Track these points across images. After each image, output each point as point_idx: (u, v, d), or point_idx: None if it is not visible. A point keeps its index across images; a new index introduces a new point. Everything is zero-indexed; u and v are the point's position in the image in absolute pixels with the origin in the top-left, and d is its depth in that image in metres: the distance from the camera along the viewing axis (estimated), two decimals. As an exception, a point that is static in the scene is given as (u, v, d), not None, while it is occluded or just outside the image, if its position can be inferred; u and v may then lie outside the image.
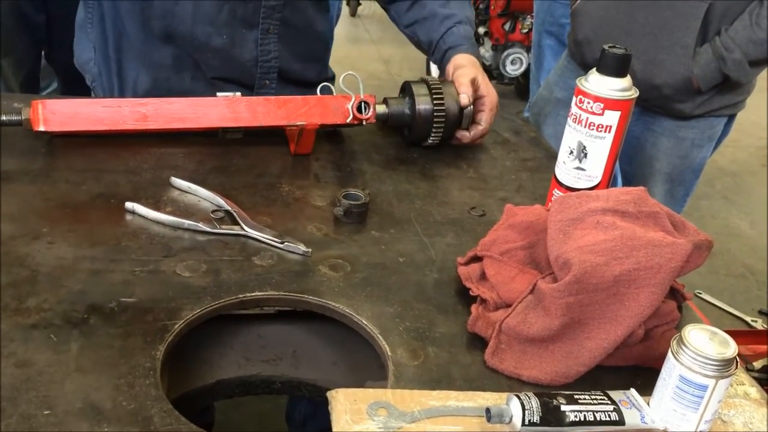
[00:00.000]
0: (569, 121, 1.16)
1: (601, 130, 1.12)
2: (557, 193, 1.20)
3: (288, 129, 1.39)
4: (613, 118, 1.11)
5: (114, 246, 1.06)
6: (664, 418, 0.81)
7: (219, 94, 1.37)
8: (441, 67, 1.58)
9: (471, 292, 1.00)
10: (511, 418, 0.78)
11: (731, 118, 2.05)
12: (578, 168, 1.16)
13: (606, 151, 1.14)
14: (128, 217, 1.13)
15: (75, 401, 0.79)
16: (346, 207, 1.17)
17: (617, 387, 0.85)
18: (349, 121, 1.41)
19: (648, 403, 0.83)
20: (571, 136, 1.16)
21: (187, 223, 1.11)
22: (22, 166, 1.23)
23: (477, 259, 1.05)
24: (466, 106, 1.44)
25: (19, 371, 0.82)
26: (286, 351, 1.11)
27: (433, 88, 1.43)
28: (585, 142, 1.14)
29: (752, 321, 2.94)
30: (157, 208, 1.14)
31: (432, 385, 0.86)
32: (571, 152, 1.16)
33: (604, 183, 1.17)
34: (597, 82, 1.11)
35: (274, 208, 1.21)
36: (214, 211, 1.15)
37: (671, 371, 0.79)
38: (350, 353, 1.09)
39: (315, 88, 1.41)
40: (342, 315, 0.99)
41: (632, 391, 0.84)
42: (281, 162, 1.37)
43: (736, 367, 0.78)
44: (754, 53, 1.81)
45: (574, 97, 1.14)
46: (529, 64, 3.83)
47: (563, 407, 0.79)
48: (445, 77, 1.53)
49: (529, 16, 4.75)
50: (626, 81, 1.11)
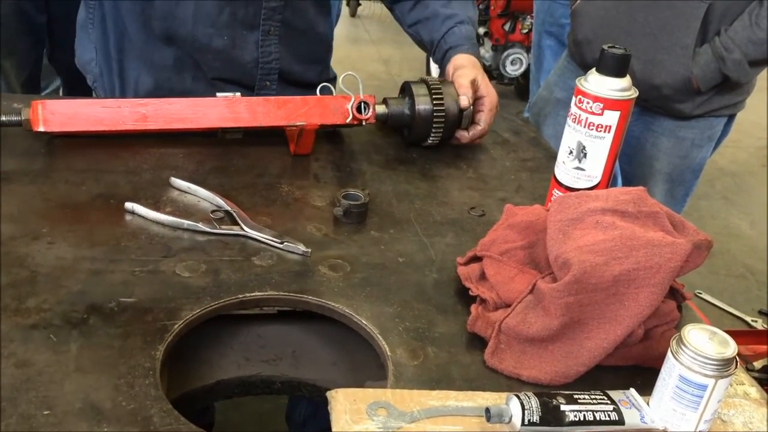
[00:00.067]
0: (569, 121, 1.16)
1: (601, 130, 1.12)
2: (557, 193, 1.20)
3: (288, 129, 1.39)
4: (612, 118, 1.11)
5: (114, 246, 1.06)
6: (663, 418, 0.81)
7: (219, 94, 1.37)
8: (442, 68, 1.58)
9: (470, 292, 1.00)
10: (511, 418, 0.78)
11: (731, 118, 2.05)
12: (578, 168, 1.16)
13: (605, 151, 1.14)
14: (128, 218, 1.13)
15: (75, 401, 0.79)
16: (345, 207, 1.17)
17: (617, 387, 0.85)
18: (348, 121, 1.41)
19: (647, 403, 0.83)
20: (571, 136, 1.16)
21: (186, 223, 1.11)
22: (21, 167, 1.23)
23: (476, 259, 1.05)
24: (466, 108, 1.44)
25: (18, 371, 0.82)
26: (286, 351, 1.11)
27: (433, 88, 1.43)
28: (584, 142, 1.14)
29: (752, 321, 2.94)
30: (157, 209, 1.14)
31: (431, 385, 0.86)
32: (571, 152, 1.16)
33: (604, 183, 1.17)
34: (596, 82, 1.11)
35: (273, 208, 1.21)
36: (213, 212, 1.15)
37: (671, 371, 0.79)
38: (350, 353, 1.09)
39: (316, 89, 1.42)
40: (341, 315, 0.99)
41: (632, 390, 0.84)
42: (281, 162, 1.37)
43: (736, 367, 0.78)
44: (754, 53, 1.81)
45: (574, 97, 1.14)
46: (529, 65, 3.83)
47: (563, 407, 0.79)
48: (445, 77, 1.53)
49: (529, 17, 4.75)
50: (626, 81, 1.11)
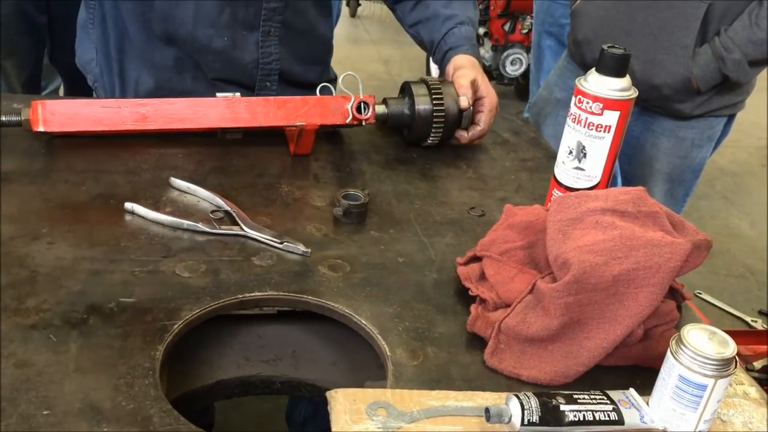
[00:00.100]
0: (568, 121, 1.16)
1: (601, 130, 1.12)
2: (556, 193, 1.20)
3: (287, 129, 1.39)
4: (612, 118, 1.11)
5: (113, 246, 1.06)
6: (663, 418, 0.81)
7: (219, 94, 1.37)
8: (442, 68, 1.58)
9: (470, 292, 1.00)
10: (511, 418, 0.78)
11: (731, 118, 2.05)
12: (577, 168, 1.16)
13: (605, 151, 1.14)
14: (128, 218, 1.13)
15: (74, 401, 0.79)
16: (345, 207, 1.17)
17: (616, 387, 0.85)
18: (348, 121, 1.41)
19: (647, 403, 0.83)
20: (571, 136, 1.16)
21: (186, 223, 1.11)
22: (21, 167, 1.23)
23: (476, 259, 1.05)
24: (466, 109, 1.44)
25: (18, 371, 0.82)
26: (286, 351, 1.11)
27: (433, 88, 1.43)
28: (584, 142, 1.14)
29: (752, 321, 2.94)
30: (157, 209, 1.14)
31: (431, 385, 0.86)
32: (571, 152, 1.16)
33: (604, 183, 1.17)
34: (596, 82, 1.11)
35: (273, 208, 1.21)
36: (213, 212, 1.15)
37: (670, 371, 0.79)
38: (350, 353, 1.09)
39: (316, 89, 1.42)
40: (341, 315, 0.99)
41: (631, 390, 0.84)
42: (281, 162, 1.37)
43: (735, 367, 0.78)
44: (754, 53, 1.81)
45: (574, 97, 1.14)
46: (529, 65, 3.83)
47: (562, 407, 0.79)
48: (444, 77, 1.53)
49: (528, 17, 4.75)
50: (625, 81, 1.11)
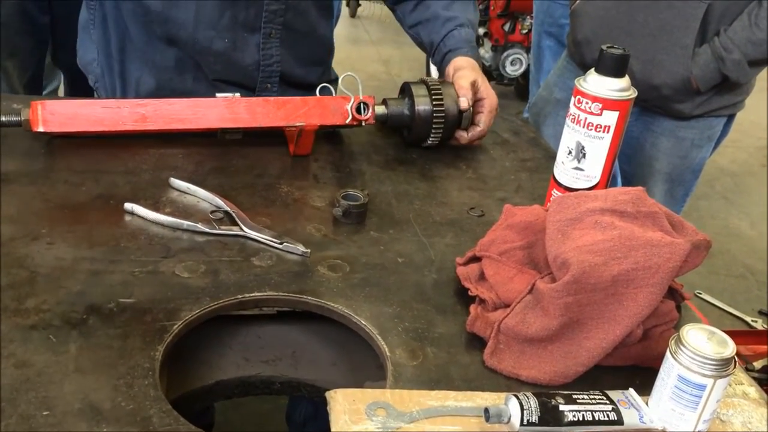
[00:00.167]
0: (568, 121, 1.16)
1: (600, 131, 1.12)
2: (556, 193, 1.20)
3: (287, 130, 1.39)
4: (611, 118, 1.11)
5: (113, 247, 1.06)
6: (662, 418, 0.81)
7: (218, 95, 1.37)
8: (441, 70, 1.58)
9: (470, 293, 1.00)
10: (510, 418, 0.78)
11: (730, 118, 2.05)
12: (577, 168, 1.17)
13: (604, 152, 1.14)
14: (127, 218, 1.13)
15: (74, 402, 0.79)
16: (345, 207, 1.17)
17: (616, 387, 0.85)
18: (348, 122, 1.41)
19: (646, 403, 0.83)
20: (570, 137, 1.16)
21: (186, 223, 1.11)
22: (21, 167, 1.23)
23: (476, 259, 1.05)
24: (466, 110, 1.44)
25: (18, 372, 0.82)
26: (286, 351, 1.11)
27: (433, 89, 1.43)
28: (583, 143, 1.14)
29: (752, 321, 2.94)
30: (156, 209, 1.14)
31: (431, 385, 0.86)
32: (570, 152, 1.16)
33: (603, 183, 1.17)
34: (595, 83, 1.11)
35: (273, 208, 1.21)
36: (213, 212, 1.15)
37: (670, 371, 0.80)
38: (349, 353, 1.09)
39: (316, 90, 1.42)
40: (341, 315, 0.99)
41: (631, 390, 0.84)
42: (280, 163, 1.37)
43: (735, 367, 0.78)
44: (753, 54, 1.81)
45: (573, 98, 1.14)
46: (529, 65, 3.83)
47: (562, 407, 0.79)
48: (444, 79, 1.53)
49: (528, 17, 4.75)
50: (624, 81, 1.12)
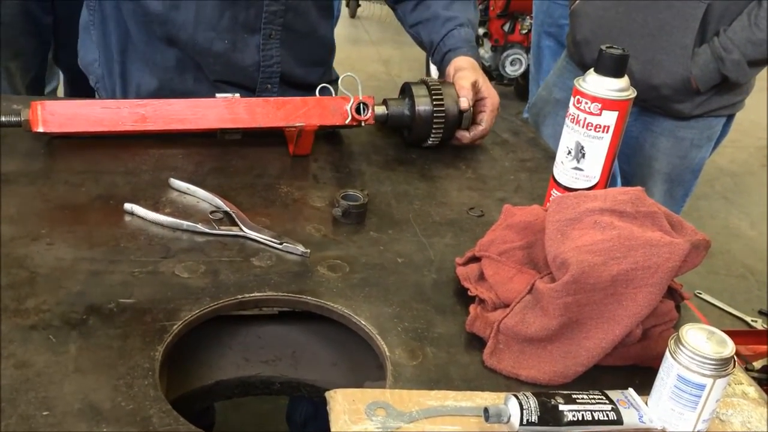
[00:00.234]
0: (567, 121, 1.16)
1: (599, 131, 1.12)
2: (555, 194, 1.20)
3: (287, 130, 1.39)
4: (610, 118, 1.11)
5: (113, 247, 1.06)
6: (662, 418, 0.81)
7: (218, 95, 1.37)
8: (440, 69, 1.58)
9: (469, 293, 1.00)
10: (509, 418, 0.78)
11: (730, 118, 2.05)
12: (576, 168, 1.17)
13: (604, 152, 1.14)
14: (127, 219, 1.13)
15: (74, 402, 0.79)
16: (344, 208, 1.17)
17: (615, 386, 0.85)
18: (347, 122, 1.42)
19: (646, 403, 0.83)
20: (569, 137, 1.16)
21: (185, 224, 1.11)
22: (21, 168, 1.23)
23: (475, 259, 1.05)
24: (466, 110, 1.44)
25: (18, 372, 0.82)
26: (285, 351, 1.11)
27: (433, 89, 1.43)
28: (583, 143, 1.14)
29: (752, 321, 2.94)
30: (156, 210, 1.14)
31: (430, 385, 0.86)
32: (569, 152, 1.17)
33: (602, 183, 1.17)
34: (594, 83, 1.11)
35: (272, 209, 1.21)
36: (212, 212, 1.15)
37: (669, 371, 0.80)
38: (349, 353, 1.09)
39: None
40: (341, 315, 0.99)
41: (630, 390, 0.84)
42: (280, 163, 1.37)
43: (734, 367, 0.78)
44: (753, 54, 1.81)
45: (572, 98, 1.14)
46: (529, 65, 3.83)
47: (561, 407, 0.79)
48: (445, 79, 1.53)
49: (528, 17, 4.74)
50: (624, 81, 1.12)
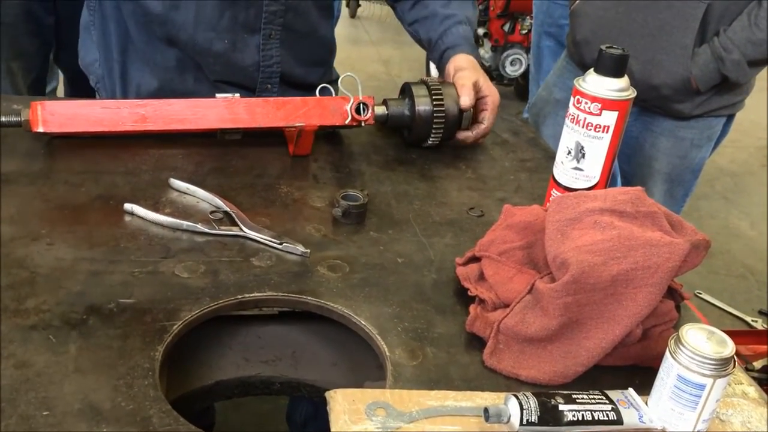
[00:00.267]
0: (567, 121, 1.16)
1: (599, 131, 1.12)
2: (555, 194, 1.20)
3: (287, 130, 1.39)
4: (610, 118, 1.11)
5: (113, 247, 1.06)
6: (662, 418, 0.81)
7: (218, 95, 1.37)
8: (439, 67, 1.58)
9: (469, 293, 1.01)
10: (509, 418, 0.78)
11: (730, 118, 2.05)
12: (576, 168, 1.17)
13: (604, 152, 1.14)
14: (127, 219, 1.13)
15: (74, 402, 0.79)
16: (344, 208, 1.17)
17: (615, 386, 0.85)
18: (347, 122, 1.41)
19: (646, 403, 0.83)
20: (569, 137, 1.16)
21: (185, 224, 1.11)
22: (21, 168, 1.23)
23: (475, 259, 1.05)
24: (467, 109, 1.44)
25: (18, 372, 0.82)
26: (285, 351, 1.11)
27: (433, 89, 1.43)
28: (583, 143, 1.14)
29: (752, 321, 2.94)
30: (156, 210, 1.14)
31: (430, 385, 0.86)
32: (569, 152, 1.17)
33: (602, 183, 1.17)
34: (594, 83, 1.11)
35: (272, 209, 1.21)
36: (212, 212, 1.15)
37: (669, 371, 0.80)
38: (349, 354, 1.09)
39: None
40: (341, 315, 0.99)
41: (630, 390, 0.84)
42: (280, 163, 1.37)
43: (734, 367, 0.78)
44: (753, 54, 1.81)
45: (572, 98, 1.14)
46: (529, 65, 3.83)
47: (561, 407, 0.79)
48: (444, 78, 1.53)
49: (528, 17, 4.75)
50: (623, 81, 1.12)
